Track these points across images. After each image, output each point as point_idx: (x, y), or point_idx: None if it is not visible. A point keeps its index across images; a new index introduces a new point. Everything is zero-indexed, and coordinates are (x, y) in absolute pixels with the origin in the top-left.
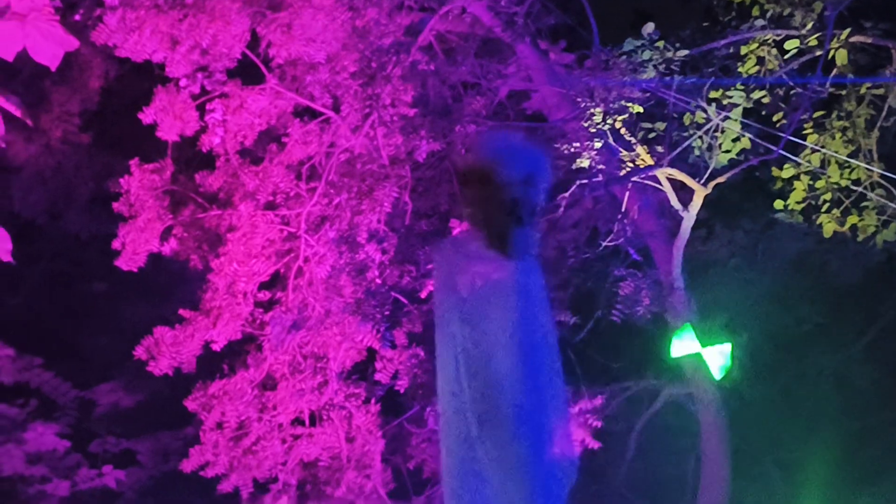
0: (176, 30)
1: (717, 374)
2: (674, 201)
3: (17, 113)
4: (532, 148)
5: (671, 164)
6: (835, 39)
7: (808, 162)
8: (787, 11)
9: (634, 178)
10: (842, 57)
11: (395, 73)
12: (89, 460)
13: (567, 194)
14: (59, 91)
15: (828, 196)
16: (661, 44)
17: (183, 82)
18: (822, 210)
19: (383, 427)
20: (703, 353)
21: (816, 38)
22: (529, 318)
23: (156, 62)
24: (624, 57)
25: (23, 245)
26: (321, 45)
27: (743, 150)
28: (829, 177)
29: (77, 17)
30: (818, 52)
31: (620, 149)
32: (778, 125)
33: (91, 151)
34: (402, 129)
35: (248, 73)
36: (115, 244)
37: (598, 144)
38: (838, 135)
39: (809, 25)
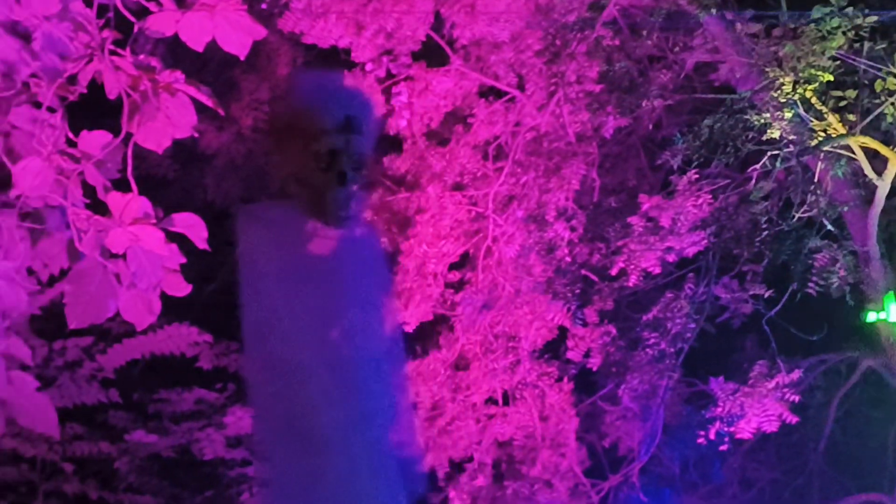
0: (361, 14)
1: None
2: (867, 170)
3: (209, 103)
4: (351, 88)
5: (864, 132)
6: None
7: None
8: None
9: (826, 148)
10: None
11: (579, 49)
12: None
13: (758, 166)
14: (248, 79)
15: None
16: (849, 10)
17: (369, 66)
18: None
19: (577, 405)
20: None
21: None
22: (353, 299)
23: (342, 47)
24: (812, 24)
25: (217, 232)
26: (505, 23)
27: None
28: None
29: (264, 6)
30: None
31: (811, 118)
32: None
33: None
34: (587, 105)
35: (432, 55)
36: None
37: (788, 114)
38: None
39: None
